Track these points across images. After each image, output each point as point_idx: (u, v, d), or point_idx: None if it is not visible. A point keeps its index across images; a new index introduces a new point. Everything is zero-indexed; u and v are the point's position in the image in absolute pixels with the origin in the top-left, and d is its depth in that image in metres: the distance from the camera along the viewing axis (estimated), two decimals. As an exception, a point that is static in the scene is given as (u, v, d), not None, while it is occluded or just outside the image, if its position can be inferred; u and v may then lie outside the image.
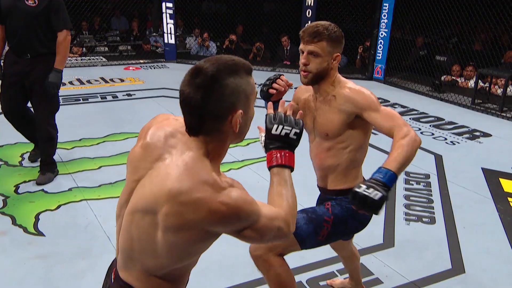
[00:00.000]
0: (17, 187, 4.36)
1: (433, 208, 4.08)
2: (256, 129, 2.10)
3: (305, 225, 2.17)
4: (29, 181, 4.47)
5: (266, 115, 1.60)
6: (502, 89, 7.12)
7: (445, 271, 3.23)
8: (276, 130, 1.53)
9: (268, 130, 1.56)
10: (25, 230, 3.70)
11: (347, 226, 2.28)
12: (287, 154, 1.54)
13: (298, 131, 1.54)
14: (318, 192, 2.50)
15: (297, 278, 2.88)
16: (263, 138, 1.87)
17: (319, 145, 2.33)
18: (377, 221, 3.35)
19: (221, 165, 1.59)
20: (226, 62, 1.36)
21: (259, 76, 8.65)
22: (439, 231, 3.72)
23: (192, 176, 1.29)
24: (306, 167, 2.63)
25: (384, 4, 8.33)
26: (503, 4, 6.92)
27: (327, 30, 2.11)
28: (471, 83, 7.82)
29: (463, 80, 8.19)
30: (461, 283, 3.11)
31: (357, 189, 1.78)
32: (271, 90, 2.29)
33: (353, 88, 2.19)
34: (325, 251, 2.83)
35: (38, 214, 3.93)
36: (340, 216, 2.23)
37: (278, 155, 1.54)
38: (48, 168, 4.44)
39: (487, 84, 7.57)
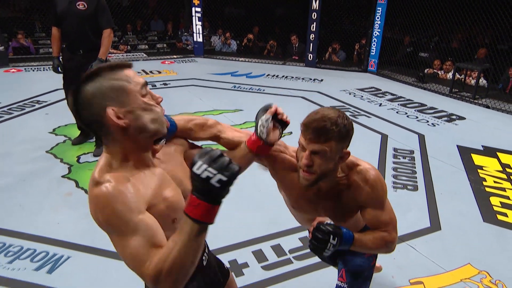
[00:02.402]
0: (78, 158, 4.45)
1: (416, 178, 4.15)
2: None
3: (365, 285, 1.89)
4: (88, 153, 4.56)
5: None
6: (475, 80, 7.12)
7: (425, 228, 3.33)
8: (197, 169, 1.02)
9: (191, 166, 1.05)
10: (86, 191, 3.74)
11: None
12: (200, 205, 1.03)
13: (225, 178, 1.01)
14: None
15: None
16: (260, 123, 1.51)
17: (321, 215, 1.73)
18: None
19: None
20: (87, 72, 1.17)
21: (273, 69, 8.80)
22: (421, 196, 3.80)
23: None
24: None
25: (378, 8, 8.29)
26: (477, 9, 6.88)
27: (336, 125, 1.43)
28: (449, 75, 7.80)
29: (442, 73, 8.17)
30: (438, 238, 3.21)
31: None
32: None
33: (365, 176, 1.61)
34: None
35: None
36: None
37: (192, 202, 1.04)
38: (101, 143, 4.46)
39: (462, 76, 7.55)
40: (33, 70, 8.10)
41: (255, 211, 3.45)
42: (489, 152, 4.83)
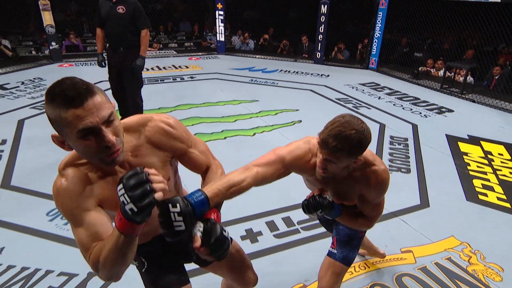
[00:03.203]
0: None
1: (409, 162, 4.12)
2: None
3: (353, 255, 1.85)
4: None
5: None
6: (463, 78, 7.00)
7: (415, 205, 3.33)
8: (118, 190, 0.94)
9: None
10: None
11: None
12: (121, 220, 0.98)
13: (135, 209, 0.92)
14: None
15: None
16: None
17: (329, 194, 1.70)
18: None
19: (257, 128, 1.55)
20: (49, 91, 1.01)
21: (285, 65, 8.77)
22: (413, 178, 3.78)
23: None
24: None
25: (379, 13, 8.14)
26: (466, 15, 6.76)
27: (348, 142, 1.36)
28: (441, 72, 7.67)
29: (434, 70, 8.02)
30: (426, 214, 3.21)
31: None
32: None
33: (377, 176, 1.56)
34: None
35: None
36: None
37: (118, 214, 0.99)
38: None
39: (452, 74, 7.41)
40: (82, 65, 8.17)
41: (268, 189, 3.46)
42: (474, 140, 4.76)
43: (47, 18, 7.79)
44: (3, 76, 6.97)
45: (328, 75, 8.05)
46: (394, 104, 6.18)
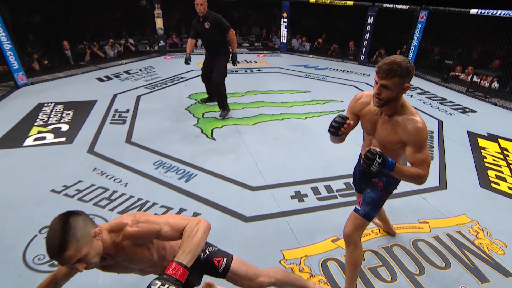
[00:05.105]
0: (203, 114, 4.60)
1: (433, 151, 3.87)
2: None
3: (373, 213, 1.78)
4: (209, 112, 4.69)
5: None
6: (488, 83, 6.30)
7: (435, 186, 3.15)
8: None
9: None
10: (206, 136, 3.94)
11: (388, 193, 1.84)
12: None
13: None
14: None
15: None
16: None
17: (374, 143, 1.75)
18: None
19: (309, 113, 1.52)
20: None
21: (334, 65, 8.50)
22: (435, 164, 3.55)
23: None
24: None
25: (418, 25, 7.48)
26: (494, 29, 6.02)
27: (399, 67, 1.45)
28: (469, 77, 6.96)
29: (464, 75, 7.29)
30: (443, 194, 3.03)
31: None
32: (340, 132, 1.66)
33: (416, 125, 1.55)
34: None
35: (213, 129, 4.14)
36: (385, 186, 1.80)
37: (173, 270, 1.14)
38: (224, 108, 4.54)
39: (479, 80, 6.70)
40: (179, 58, 8.37)
41: (316, 161, 3.46)
42: (492, 138, 4.33)
43: (159, 23, 8.12)
44: (128, 64, 7.40)
45: (369, 75, 7.63)
46: (423, 102, 5.76)
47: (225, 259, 1.53)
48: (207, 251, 1.55)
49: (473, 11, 6.10)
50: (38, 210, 2.56)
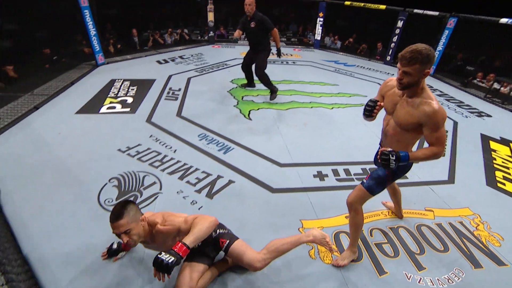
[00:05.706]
0: (242, 97, 4.60)
1: (445, 149, 3.68)
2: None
3: (376, 188, 1.76)
4: (248, 95, 4.67)
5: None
6: (508, 90, 5.79)
7: (443, 180, 3.03)
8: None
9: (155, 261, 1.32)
10: (244, 116, 3.95)
11: (396, 175, 1.80)
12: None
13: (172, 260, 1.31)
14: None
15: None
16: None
17: (391, 124, 1.71)
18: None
19: (335, 104, 1.53)
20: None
21: (362, 63, 8.19)
22: (446, 160, 3.38)
23: None
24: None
25: (445, 31, 6.91)
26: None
27: (420, 54, 1.40)
28: (490, 84, 6.41)
29: (485, 81, 6.72)
30: (450, 188, 2.91)
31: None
32: (373, 114, 1.72)
33: (432, 107, 1.50)
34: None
35: (250, 110, 4.13)
36: (394, 170, 1.75)
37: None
38: (272, 91, 4.47)
39: (499, 87, 6.16)
40: (225, 47, 8.38)
41: (338, 148, 3.43)
42: (504, 141, 4.04)
43: (210, 16, 8.12)
44: (183, 50, 7.50)
45: (393, 74, 7.25)
46: (441, 103, 5.42)
47: (228, 241, 1.69)
48: (218, 232, 1.72)
49: (503, 20, 5.54)
50: (108, 164, 2.77)
